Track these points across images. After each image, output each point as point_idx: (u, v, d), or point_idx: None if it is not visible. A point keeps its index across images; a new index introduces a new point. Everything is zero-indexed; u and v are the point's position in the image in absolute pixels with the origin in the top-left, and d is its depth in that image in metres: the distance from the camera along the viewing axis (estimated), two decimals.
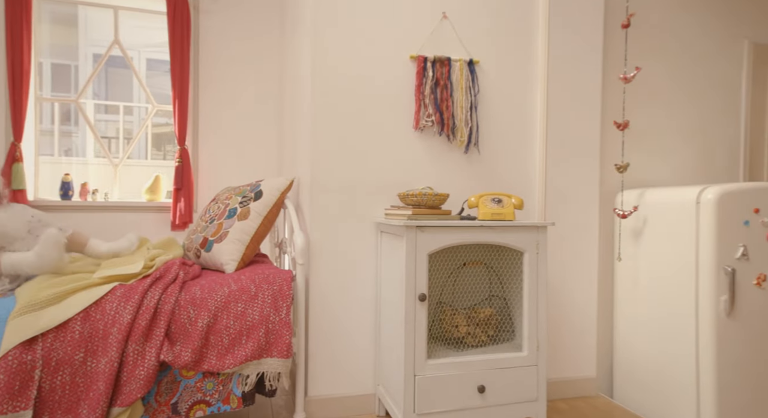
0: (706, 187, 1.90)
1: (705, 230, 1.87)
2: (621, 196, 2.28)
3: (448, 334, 1.82)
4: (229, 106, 2.91)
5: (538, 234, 1.75)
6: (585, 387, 2.26)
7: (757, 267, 1.87)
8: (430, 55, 2.03)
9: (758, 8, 2.52)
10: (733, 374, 1.84)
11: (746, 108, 2.49)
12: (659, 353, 2.04)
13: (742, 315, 1.85)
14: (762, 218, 1.89)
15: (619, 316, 2.28)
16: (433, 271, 1.92)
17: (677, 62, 2.42)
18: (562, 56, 2.22)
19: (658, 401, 2.04)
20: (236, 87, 2.92)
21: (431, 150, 2.07)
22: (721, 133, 2.49)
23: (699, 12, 2.44)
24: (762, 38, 2.52)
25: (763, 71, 2.51)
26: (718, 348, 1.82)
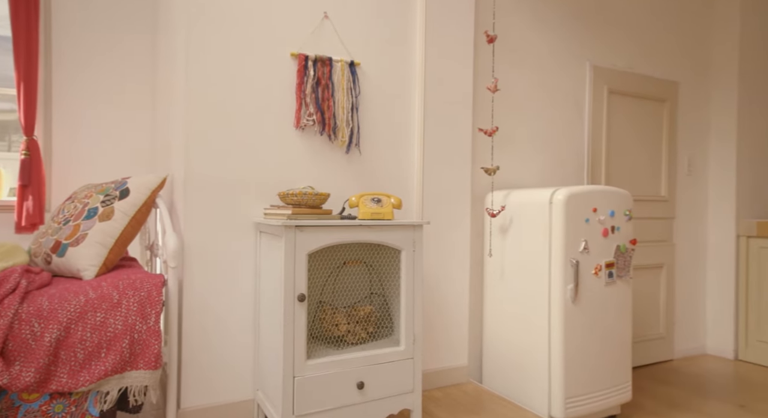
0: (557, 189, 2.15)
1: (556, 227, 2.11)
2: (491, 197, 2.49)
3: (329, 333, 1.84)
4: (91, 93, 2.62)
5: (415, 233, 1.84)
6: (458, 375, 2.43)
7: (595, 259, 2.16)
8: (311, 54, 2.03)
9: (596, 35, 2.92)
10: (577, 353, 2.10)
11: (589, 121, 2.87)
12: (520, 339, 2.27)
13: (583, 301, 2.12)
14: (598, 216, 2.19)
15: (488, 307, 2.48)
16: (313, 270, 1.92)
17: (535, 77, 2.71)
18: (438, 65, 2.36)
19: (518, 382, 2.27)
20: (100, 69, 2.63)
21: (313, 149, 2.07)
22: (570, 142, 2.84)
23: (549, 35, 2.75)
24: (599, 61, 2.92)
25: (600, 90, 2.92)
26: (565, 331, 2.08)
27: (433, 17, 2.34)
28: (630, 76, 3.04)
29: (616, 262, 2.23)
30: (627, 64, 3.04)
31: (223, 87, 1.89)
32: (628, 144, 3.05)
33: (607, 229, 2.20)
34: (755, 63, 3.37)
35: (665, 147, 3.21)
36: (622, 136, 3.02)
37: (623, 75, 3.01)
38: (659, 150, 3.20)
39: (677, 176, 3.29)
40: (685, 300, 3.35)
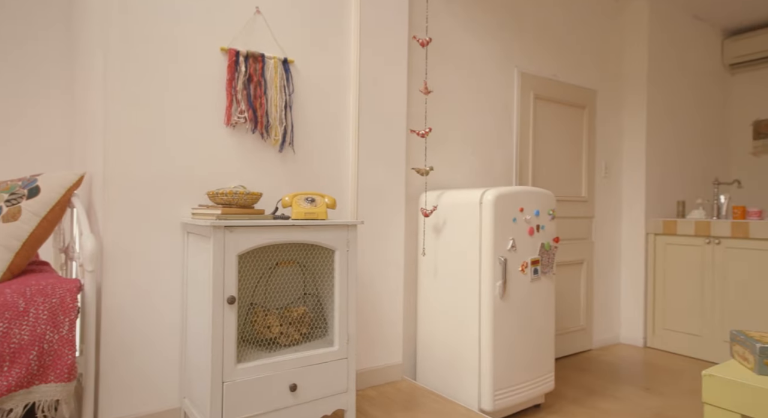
0: (487, 190, 2.24)
1: (486, 226, 2.20)
2: (425, 197, 2.54)
3: (261, 335, 1.80)
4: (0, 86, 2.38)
5: (349, 232, 1.84)
6: (392, 373, 2.46)
7: (522, 256, 2.27)
8: (242, 49, 1.97)
9: (524, 44, 3.06)
10: (504, 347, 2.20)
11: (517, 125, 3.01)
12: (452, 336, 2.34)
13: (511, 297, 2.22)
14: (525, 215, 2.30)
15: (422, 305, 2.53)
16: (245, 272, 1.87)
17: (467, 81, 2.80)
18: (372, 65, 2.37)
19: (451, 377, 2.33)
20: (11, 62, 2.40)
21: (244, 148, 2.01)
22: (501, 145, 2.96)
23: (482, 40, 2.86)
24: (527, 68, 3.07)
25: (527, 95, 3.07)
26: (494, 326, 2.16)
27: (367, 18, 2.35)
28: (554, 83, 3.22)
29: (540, 259, 2.36)
30: (551, 72, 3.22)
31: (146, 81, 1.79)
32: (553, 147, 3.23)
33: (532, 228, 2.32)
34: (661, 76, 3.68)
35: (585, 151, 3.43)
36: (547, 140, 3.19)
37: (548, 82, 3.18)
38: (580, 153, 3.42)
39: (596, 178, 3.53)
40: (603, 294, 3.60)
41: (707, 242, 3.27)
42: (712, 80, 4.13)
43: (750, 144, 4.16)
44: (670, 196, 3.77)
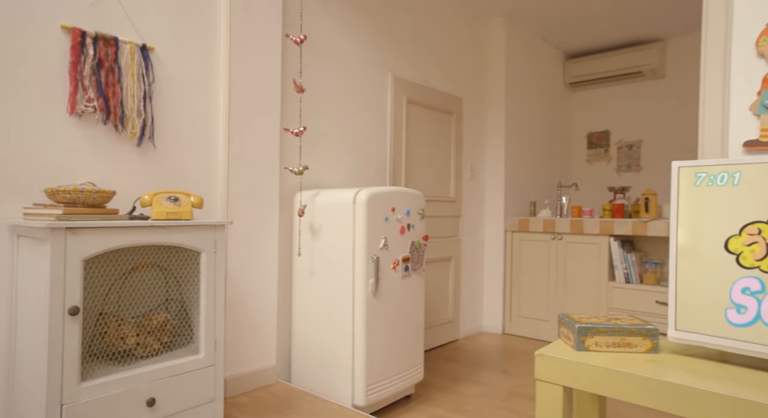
0: (360, 190, 2.28)
1: (359, 226, 2.24)
2: (300, 196, 2.51)
3: (114, 348, 1.62)
4: None
5: (217, 233, 1.75)
6: (266, 377, 2.39)
7: (393, 254, 2.36)
8: (90, 29, 1.76)
9: (398, 49, 3.20)
10: (377, 343, 2.27)
11: (391, 127, 3.13)
12: (327, 335, 2.34)
13: (383, 294, 2.30)
14: (396, 215, 2.39)
15: (297, 306, 2.50)
16: (93, 278, 1.67)
17: (343, 81, 2.83)
18: (244, 60, 2.28)
19: (326, 377, 2.34)
20: None
21: (94, 141, 1.80)
22: (375, 146, 3.04)
23: (358, 43, 2.92)
24: (400, 73, 3.21)
25: (401, 99, 3.21)
26: (367, 323, 2.22)
27: (238, 10, 2.26)
28: (425, 89, 3.40)
29: (411, 257, 2.47)
30: (423, 79, 3.40)
31: None
32: (424, 150, 3.41)
33: (403, 226, 2.42)
34: (516, 89, 4.10)
35: (453, 154, 3.68)
36: (419, 143, 3.36)
37: (420, 88, 3.36)
38: (448, 156, 3.66)
39: (462, 180, 3.81)
40: (469, 287, 3.89)
41: (552, 237, 3.72)
42: (557, 96, 4.70)
43: (585, 152, 4.84)
44: (525, 197, 4.22)
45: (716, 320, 1.07)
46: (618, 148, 4.63)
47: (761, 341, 1.01)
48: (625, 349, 1.16)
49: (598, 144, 4.74)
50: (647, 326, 1.16)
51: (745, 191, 1.05)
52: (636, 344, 1.15)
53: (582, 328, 1.16)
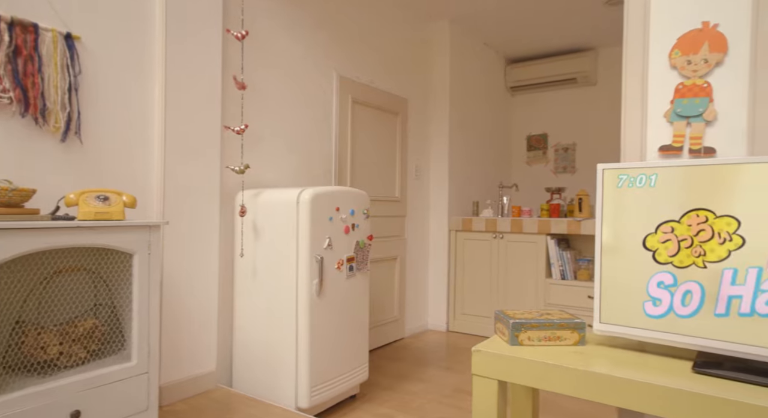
0: (304, 189, 2.26)
1: (302, 225, 2.22)
2: (241, 196, 2.44)
3: (33, 358, 1.51)
4: None
5: (151, 234, 1.67)
6: (205, 382, 2.31)
7: (338, 254, 2.35)
8: (4, 14, 1.63)
9: (343, 49, 3.19)
10: (321, 344, 2.25)
11: (336, 127, 3.12)
12: (270, 337, 2.30)
13: (327, 294, 2.29)
14: (341, 215, 2.39)
15: (239, 308, 2.44)
16: (9, 284, 1.55)
17: (288, 80, 2.79)
18: (182, 55, 2.20)
19: (269, 380, 2.30)
20: None
21: (10, 134, 1.67)
22: (320, 145, 3.02)
23: (302, 41, 2.88)
24: (345, 73, 3.20)
25: (346, 99, 3.20)
26: (311, 324, 2.20)
27: (175, 1, 2.16)
28: (371, 89, 3.41)
29: (356, 256, 2.47)
30: (369, 79, 3.41)
31: None
32: (370, 150, 3.42)
33: (348, 226, 2.42)
34: (460, 91, 4.20)
35: (398, 154, 3.72)
36: (364, 143, 3.37)
37: (365, 88, 3.36)
38: (394, 156, 3.69)
39: (408, 180, 3.85)
40: (414, 286, 3.95)
41: (494, 236, 3.84)
42: (499, 99, 4.86)
43: (525, 154, 5.03)
44: (468, 197, 4.33)
45: (635, 313, 1.14)
46: (555, 150, 4.85)
47: (673, 331, 1.09)
48: (556, 342, 1.22)
49: (537, 146, 4.94)
50: (575, 320, 1.22)
51: (660, 192, 1.13)
52: (565, 337, 1.22)
53: (516, 323, 1.21)
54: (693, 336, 1.07)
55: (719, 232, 1.06)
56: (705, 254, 1.07)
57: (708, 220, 1.07)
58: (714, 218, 1.07)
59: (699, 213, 1.09)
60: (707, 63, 1.15)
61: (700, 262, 1.08)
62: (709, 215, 1.07)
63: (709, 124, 1.17)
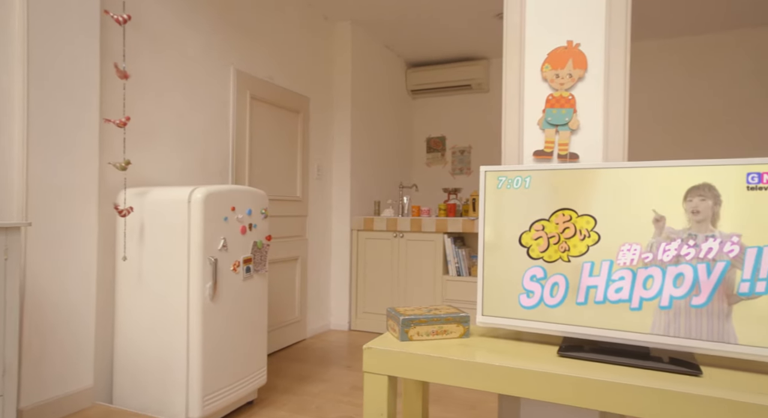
0: (196, 188, 2.14)
1: (195, 226, 2.10)
2: (124, 195, 2.25)
3: None
4: None
5: (8, 237, 1.48)
6: (81, 400, 2.10)
7: (234, 256, 2.26)
8: None
9: (241, 42, 3.07)
10: (216, 350, 2.15)
11: (233, 124, 3.00)
12: (158, 346, 2.14)
13: (222, 298, 2.19)
14: (237, 214, 2.30)
15: (122, 317, 2.24)
16: None
17: (180, 71, 2.62)
18: (48, 38, 1.97)
19: (157, 392, 2.14)
20: None
21: None
22: (216, 142, 2.88)
23: (197, 30, 2.73)
24: (243, 67, 3.09)
25: (244, 95, 3.09)
26: (204, 330, 2.09)
27: None
28: (270, 86, 3.33)
29: (253, 257, 2.40)
30: (267, 75, 3.32)
31: None
32: (270, 148, 3.34)
33: (245, 226, 2.34)
34: (362, 92, 4.26)
35: (300, 153, 3.67)
36: (264, 141, 3.28)
37: (264, 84, 3.27)
38: (295, 155, 3.63)
39: (309, 179, 3.81)
40: (316, 286, 3.92)
41: (395, 235, 3.94)
42: (400, 102, 5.00)
43: (425, 156, 5.23)
44: (369, 196, 4.40)
45: (512, 305, 1.24)
46: (452, 152, 5.10)
47: (543, 320, 1.20)
48: (443, 336, 1.28)
49: (436, 148, 5.16)
50: (460, 314, 1.30)
51: (534, 193, 1.24)
52: (451, 331, 1.28)
53: (405, 319, 1.25)
54: (559, 324, 1.19)
55: (580, 229, 1.18)
56: (569, 249, 1.19)
57: (572, 218, 1.20)
58: (576, 216, 1.19)
59: (564, 212, 1.21)
60: (572, 77, 1.28)
61: (565, 256, 1.20)
62: (573, 214, 1.20)
63: (573, 132, 1.31)
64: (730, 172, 1.04)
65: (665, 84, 4.30)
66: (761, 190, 1.01)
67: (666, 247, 1.09)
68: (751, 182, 1.02)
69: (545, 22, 1.32)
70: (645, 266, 1.11)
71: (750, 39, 4.03)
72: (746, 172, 1.02)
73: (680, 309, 1.07)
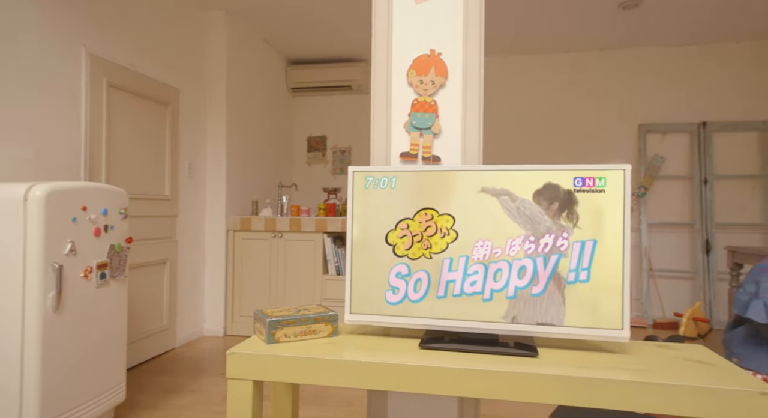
0: (34, 184, 1.87)
1: (33, 228, 1.83)
2: None
3: None
4: None
5: None
6: None
7: (85, 261, 2.02)
8: None
9: (96, 22, 2.75)
10: (59, 368, 1.90)
11: (86, 113, 2.67)
12: None
13: (69, 309, 1.94)
14: (89, 215, 2.06)
15: None
16: None
17: (18, 51, 2.27)
18: None
19: None
20: None
21: None
22: (65, 134, 2.55)
23: (41, 15, 2.38)
24: (98, 51, 2.77)
25: (99, 82, 2.77)
26: (44, 347, 1.83)
27: None
28: (132, 74, 3.03)
29: (110, 262, 2.17)
30: (129, 62, 3.02)
31: None
32: (133, 142, 3.04)
33: (99, 228, 2.10)
34: (240, 87, 4.08)
35: (169, 149, 3.40)
36: (125, 134, 2.98)
37: (125, 71, 2.97)
38: (163, 151, 3.36)
39: (180, 177, 3.55)
40: (188, 291, 3.67)
41: (273, 236, 3.85)
42: (280, 99, 4.89)
43: (305, 155, 5.19)
44: (247, 196, 4.23)
45: (379, 302, 1.28)
46: (333, 152, 5.12)
47: (407, 315, 1.26)
48: (311, 336, 1.27)
49: (317, 148, 5.14)
50: (329, 313, 1.30)
51: (399, 193, 1.29)
52: (319, 330, 1.28)
53: (272, 321, 1.22)
54: (421, 317, 1.25)
55: (441, 227, 1.26)
56: (431, 247, 1.26)
57: (433, 217, 1.27)
58: (437, 215, 1.27)
59: (427, 211, 1.27)
60: (434, 84, 1.36)
61: (427, 254, 1.26)
62: (434, 213, 1.27)
63: (436, 136, 1.39)
64: (562, 177, 1.19)
65: (536, 93, 4.78)
66: (584, 193, 1.17)
67: (512, 243, 1.21)
68: (577, 185, 1.17)
69: (411, 30, 1.39)
70: (495, 261, 1.22)
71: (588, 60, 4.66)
72: (573, 177, 1.18)
73: (523, 298, 1.19)
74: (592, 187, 1.18)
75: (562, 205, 1.18)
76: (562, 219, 1.18)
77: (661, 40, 4.35)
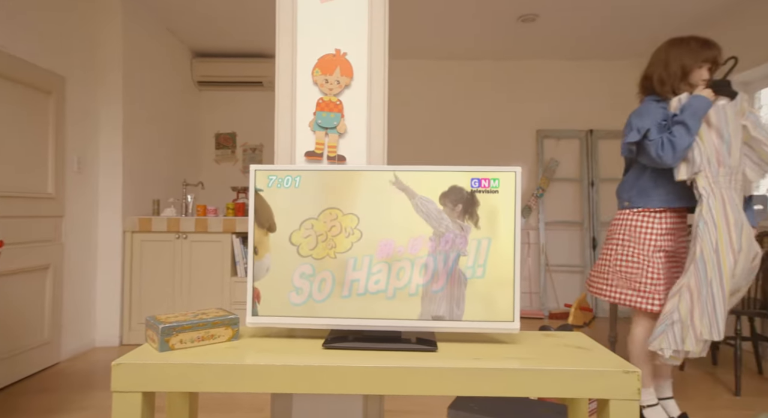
0: None
1: None
2: None
3: None
4: None
5: None
6: None
7: None
8: None
9: None
10: None
11: None
12: None
13: None
14: None
15: None
16: None
17: None
18: None
19: None
20: None
21: None
22: None
23: None
24: None
25: None
26: None
27: None
28: (5, 57, 2.70)
29: None
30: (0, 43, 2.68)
31: None
32: (5, 133, 2.70)
33: None
34: (138, 79, 3.79)
35: (52, 142, 3.07)
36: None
37: None
38: (45, 144, 3.03)
39: (66, 173, 3.22)
40: (76, 299, 3.34)
41: (177, 237, 3.62)
42: (185, 93, 4.61)
43: (213, 152, 4.95)
44: (147, 195, 3.95)
45: (283, 303, 1.25)
46: (243, 150, 4.94)
47: (311, 315, 1.24)
48: (210, 341, 1.21)
49: (226, 145, 4.93)
50: (229, 316, 1.25)
51: (304, 193, 1.27)
52: (219, 335, 1.23)
53: (166, 328, 1.15)
54: (326, 317, 1.24)
55: (346, 227, 1.26)
56: (335, 246, 1.26)
57: (338, 217, 1.27)
58: (342, 215, 1.27)
59: (332, 211, 1.27)
60: (339, 84, 1.36)
61: (332, 253, 1.26)
62: (339, 212, 1.27)
63: (341, 136, 1.39)
64: (461, 178, 1.24)
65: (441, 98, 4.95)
66: (480, 193, 1.23)
67: (414, 242, 1.24)
68: (474, 186, 1.24)
69: (316, 28, 1.37)
70: (399, 259, 1.24)
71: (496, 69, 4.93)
72: (470, 178, 1.24)
73: (424, 295, 1.23)
74: (487, 188, 1.25)
75: (465, 207, 1.24)
76: (465, 220, 1.23)
77: (556, 53, 4.73)
